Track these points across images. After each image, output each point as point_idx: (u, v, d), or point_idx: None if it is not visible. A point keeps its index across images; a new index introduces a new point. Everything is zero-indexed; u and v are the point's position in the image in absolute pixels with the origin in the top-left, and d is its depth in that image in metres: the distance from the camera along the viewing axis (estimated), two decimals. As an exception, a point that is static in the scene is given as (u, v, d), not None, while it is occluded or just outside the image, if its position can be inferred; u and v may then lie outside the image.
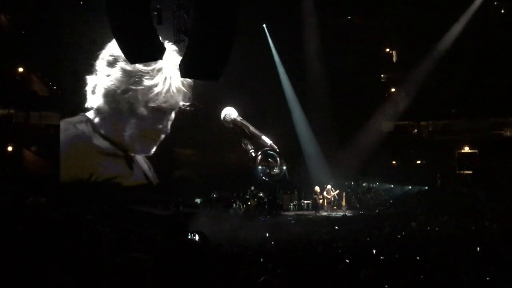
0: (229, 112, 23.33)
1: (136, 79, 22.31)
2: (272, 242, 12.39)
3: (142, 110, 22.52)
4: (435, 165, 26.47)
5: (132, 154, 22.66)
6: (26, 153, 23.79)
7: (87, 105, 22.01)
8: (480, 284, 6.45)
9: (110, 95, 22.11)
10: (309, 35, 24.85)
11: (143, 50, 8.95)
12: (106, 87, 22.06)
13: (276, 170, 22.15)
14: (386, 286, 6.09)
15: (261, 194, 21.46)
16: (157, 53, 9.05)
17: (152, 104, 22.54)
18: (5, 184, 15.72)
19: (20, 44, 22.58)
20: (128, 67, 21.87)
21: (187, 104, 23.22)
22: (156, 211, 19.14)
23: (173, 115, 23.18)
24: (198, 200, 21.26)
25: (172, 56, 20.56)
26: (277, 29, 25.07)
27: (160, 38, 11.06)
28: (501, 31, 24.83)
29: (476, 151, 27.76)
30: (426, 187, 25.51)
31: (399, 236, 13.20)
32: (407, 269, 7.51)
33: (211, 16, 7.75)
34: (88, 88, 21.92)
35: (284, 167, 22.18)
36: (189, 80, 22.73)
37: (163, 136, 22.98)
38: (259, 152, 22.44)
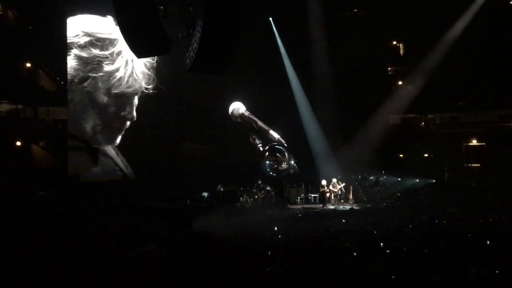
0: (237, 107, 23.32)
1: (95, 65, 21.01)
2: (279, 236, 12.42)
3: (103, 98, 21.31)
4: (443, 158, 26.37)
5: (96, 146, 21.56)
6: (34, 148, 23.97)
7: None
8: (489, 277, 6.43)
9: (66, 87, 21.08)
10: (316, 29, 24.75)
11: (149, 45, 8.93)
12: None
13: (284, 165, 22.13)
14: (393, 278, 6.10)
15: (268, 188, 21.47)
16: (164, 47, 9.03)
17: (115, 91, 21.40)
18: (14, 179, 15.85)
19: (27, 39, 22.68)
20: (84, 53, 20.66)
21: (151, 87, 22.37)
22: (163, 205, 19.19)
23: (136, 100, 22.19)
24: (205, 194, 21.30)
25: None
26: (283, 23, 25.01)
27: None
28: (509, 23, 24.62)
29: (484, 143, 27.64)
30: (434, 180, 25.42)
31: (406, 229, 13.18)
32: (414, 262, 7.50)
33: (217, 10, 7.72)
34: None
35: (292, 162, 22.16)
36: (151, 61, 21.93)
37: (128, 123, 22.00)
38: (267, 147, 22.44)
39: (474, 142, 28.12)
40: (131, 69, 21.68)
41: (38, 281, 2.37)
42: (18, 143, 23.22)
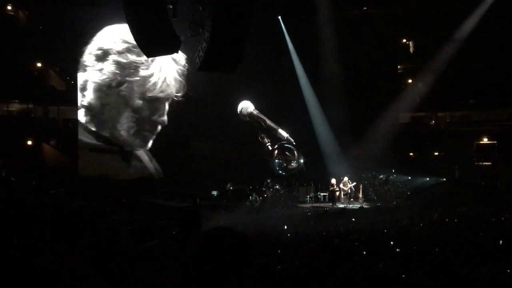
0: (246, 106, 23.33)
1: (132, 70, 21.95)
2: (289, 234, 12.41)
3: (138, 102, 22.20)
4: (453, 157, 26.16)
5: (129, 149, 22.39)
6: (45, 147, 24.18)
7: (79, 104, 21.79)
8: (500, 277, 6.38)
9: (102, 90, 21.79)
10: (324, 27, 24.66)
11: (159, 44, 8.98)
12: (99, 81, 21.75)
13: (293, 164, 22.10)
14: (403, 278, 6.07)
15: (277, 187, 21.46)
16: (173, 46, 9.07)
17: (149, 94, 22.24)
18: (25, 177, 15.99)
19: (38, 39, 22.87)
20: (121, 59, 21.54)
21: (181, 94, 23.04)
22: (173, 204, 19.26)
23: (167, 105, 22.93)
24: (214, 193, 21.35)
25: None
26: (292, 21, 24.96)
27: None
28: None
29: (495, 142, 27.41)
30: (444, 179, 25.25)
31: (416, 228, 13.11)
32: (424, 261, 7.47)
33: (226, 9, 7.75)
34: (78, 86, 21.67)
35: (302, 161, 22.13)
36: (182, 68, 22.63)
37: (159, 127, 22.73)
38: (276, 146, 22.42)
39: (485, 140, 27.90)
40: (164, 74, 22.55)
41: (51, 277, 2.40)
42: (29, 142, 23.44)
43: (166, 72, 22.54)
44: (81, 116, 21.81)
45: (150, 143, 22.70)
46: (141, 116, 22.35)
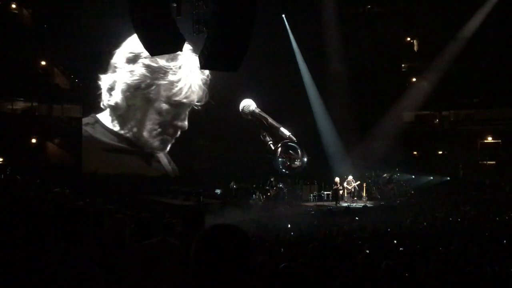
0: (248, 104, 23.37)
1: (161, 74, 22.66)
2: (292, 233, 12.41)
3: (163, 105, 22.79)
4: (457, 156, 26.11)
5: (149, 151, 22.91)
6: (49, 145, 24.24)
7: (103, 103, 22.10)
8: (504, 276, 6.37)
9: (130, 91, 22.24)
10: (329, 25, 24.61)
11: (163, 42, 8.98)
12: (129, 82, 22.23)
13: (297, 163, 22.10)
14: (406, 276, 6.06)
15: (281, 185, 21.46)
16: (177, 45, 9.07)
17: (175, 99, 22.85)
18: (29, 175, 16.03)
19: (42, 38, 22.91)
20: (152, 63, 22.24)
21: (203, 102, 23.49)
22: (177, 202, 19.29)
23: (187, 111, 23.42)
24: (218, 191, 21.37)
25: (190, 54, 21.54)
26: (296, 19, 24.91)
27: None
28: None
29: (499, 141, 27.32)
30: (448, 178, 25.20)
31: (420, 227, 13.09)
32: (428, 260, 7.46)
33: (229, 7, 7.74)
34: (104, 86, 21.98)
35: (305, 159, 22.12)
36: (205, 77, 23.19)
37: (179, 132, 23.21)
38: (280, 144, 22.41)
39: (489, 139, 27.81)
40: (190, 81, 23.17)
41: (55, 275, 2.41)
42: (33, 140, 23.50)
43: (192, 79, 23.22)
44: (105, 116, 22.18)
45: (168, 147, 23.23)
46: (164, 119, 22.95)
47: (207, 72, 23.11)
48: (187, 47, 20.00)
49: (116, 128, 22.28)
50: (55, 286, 2.39)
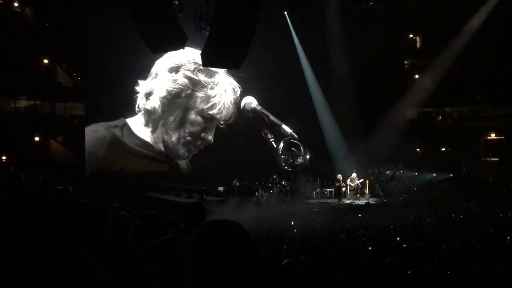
0: (249, 101, 23.36)
1: (201, 87, 23.48)
2: (295, 230, 12.42)
3: (195, 117, 23.58)
4: (460, 152, 26.04)
5: (171, 158, 23.69)
6: (52, 143, 24.29)
7: (138, 106, 22.81)
8: (507, 273, 6.36)
9: (167, 98, 23.01)
10: (331, 22, 24.53)
11: (165, 40, 8.95)
12: (170, 89, 22.99)
13: (300, 160, 22.08)
14: (409, 273, 6.06)
15: (283, 182, 21.46)
16: (179, 43, 9.04)
17: (209, 112, 23.65)
18: (32, 173, 16.07)
19: (45, 36, 22.93)
20: (192, 75, 23.21)
21: (231, 121, 24.23)
22: (180, 200, 19.31)
23: (215, 127, 24.19)
24: (221, 188, 21.39)
25: (226, 73, 23.26)
26: (299, 17, 24.86)
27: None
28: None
29: (503, 137, 27.24)
30: (451, 175, 25.13)
31: (423, 224, 13.08)
32: (431, 256, 7.46)
33: (231, 4, 7.72)
34: (141, 92, 22.79)
35: (308, 156, 22.10)
36: (236, 97, 24.13)
37: (203, 145, 23.96)
38: (282, 141, 22.39)
39: (493, 136, 27.74)
40: (225, 99, 24.00)
41: (59, 272, 2.41)
42: (37, 138, 23.55)
43: (226, 97, 24.04)
44: (137, 119, 22.91)
45: (190, 157, 24.08)
46: (195, 130, 23.79)
47: (238, 92, 24.01)
48: (222, 69, 21.96)
49: (148, 130, 23.07)
50: (58, 283, 2.40)
